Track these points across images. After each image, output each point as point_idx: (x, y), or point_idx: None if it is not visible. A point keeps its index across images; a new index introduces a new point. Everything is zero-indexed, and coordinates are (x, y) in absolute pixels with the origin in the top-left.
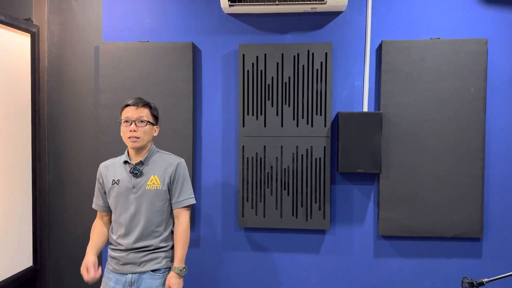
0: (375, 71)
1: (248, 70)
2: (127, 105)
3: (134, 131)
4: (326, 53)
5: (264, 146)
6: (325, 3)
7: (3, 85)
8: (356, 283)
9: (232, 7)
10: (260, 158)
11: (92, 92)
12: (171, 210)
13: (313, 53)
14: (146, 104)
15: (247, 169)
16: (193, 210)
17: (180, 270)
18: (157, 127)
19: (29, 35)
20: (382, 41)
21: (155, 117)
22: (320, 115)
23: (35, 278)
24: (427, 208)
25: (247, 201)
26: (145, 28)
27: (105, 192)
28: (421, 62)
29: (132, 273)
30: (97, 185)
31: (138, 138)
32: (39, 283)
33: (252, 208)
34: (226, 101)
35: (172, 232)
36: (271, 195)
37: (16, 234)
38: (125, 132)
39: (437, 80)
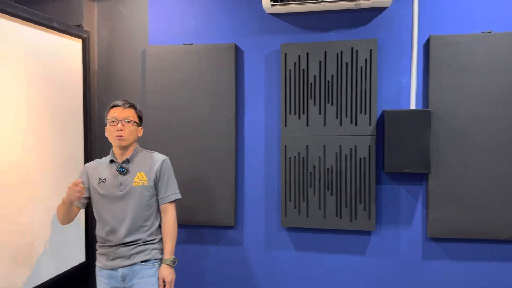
0: (423, 67)
1: (290, 70)
2: (114, 106)
3: (121, 130)
4: (370, 50)
5: (307, 146)
6: None
7: (57, 88)
8: (403, 285)
9: (274, 7)
10: (303, 158)
11: (140, 94)
12: (158, 206)
13: (357, 50)
14: (132, 106)
15: (290, 169)
16: (236, 209)
17: (171, 261)
18: (141, 128)
19: (80, 40)
20: (430, 36)
21: (140, 118)
22: (365, 113)
23: (87, 273)
24: (478, 209)
25: (290, 200)
26: (190, 31)
27: (88, 190)
28: (472, 57)
29: (122, 267)
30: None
31: (124, 137)
32: (92, 279)
33: (295, 208)
34: (268, 101)
35: (159, 226)
36: (314, 195)
37: (69, 230)
38: (112, 131)
39: (489, 75)
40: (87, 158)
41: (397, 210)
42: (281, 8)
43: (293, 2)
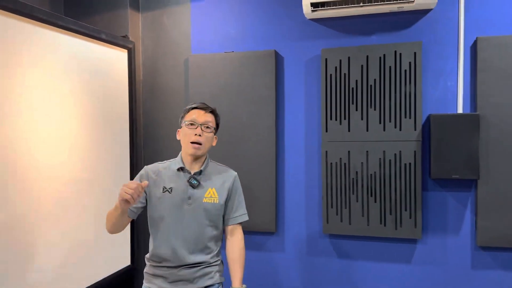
0: (470, 70)
1: (331, 74)
2: (195, 108)
3: (199, 135)
4: (415, 53)
5: (349, 151)
6: (413, 1)
7: (104, 97)
8: None
9: (314, 12)
10: (345, 164)
11: (183, 101)
12: (223, 226)
13: (400, 54)
14: (213, 111)
15: (331, 175)
16: (277, 215)
17: None
18: (216, 137)
19: (126, 50)
20: (477, 38)
21: (218, 126)
22: (410, 118)
23: (132, 277)
24: None
25: (332, 207)
26: (230, 39)
27: (145, 198)
28: None
29: None
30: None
31: (201, 144)
32: (137, 282)
33: (337, 214)
34: (309, 106)
35: (220, 248)
36: (357, 201)
37: (115, 235)
38: (189, 135)
39: None
40: (133, 166)
41: (445, 217)
42: (322, 13)
43: (334, 7)
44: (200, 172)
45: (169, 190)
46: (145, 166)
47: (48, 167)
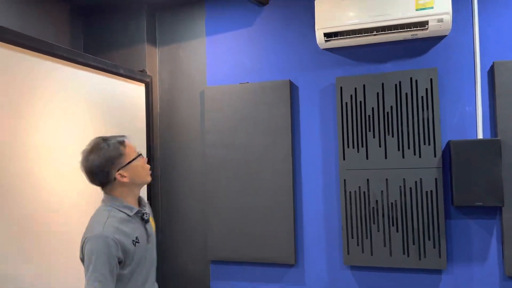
0: (488, 94)
1: (346, 102)
2: (124, 140)
3: (148, 164)
4: (431, 79)
5: (367, 180)
6: (427, 28)
7: (122, 130)
8: None
9: (328, 42)
10: (364, 192)
11: (199, 133)
12: None
13: (416, 80)
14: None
15: (350, 204)
16: (296, 246)
17: None
18: None
19: (143, 84)
20: (493, 62)
21: None
22: (429, 144)
23: None
24: None
25: (352, 237)
26: (245, 70)
27: (120, 265)
28: None
29: None
30: (110, 265)
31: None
32: None
33: (357, 245)
34: (325, 135)
35: None
36: (378, 231)
37: None
38: (145, 167)
39: None
40: (150, 198)
41: (470, 246)
42: (335, 43)
43: (347, 37)
44: (140, 203)
45: (136, 239)
46: (103, 235)
47: (68, 197)
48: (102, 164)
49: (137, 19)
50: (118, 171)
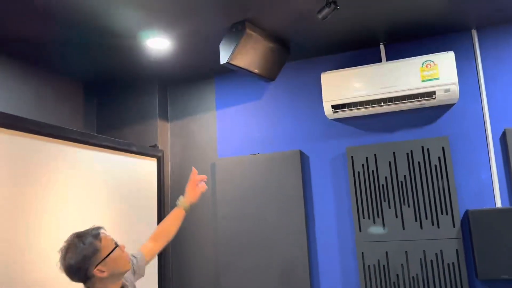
0: (502, 161)
1: (358, 172)
2: (101, 234)
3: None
4: (443, 148)
5: (386, 252)
6: (434, 98)
7: (133, 204)
8: None
9: (336, 113)
10: (383, 266)
11: (211, 205)
12: None
13: (428, 149)
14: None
15: (370, 279)
16: None
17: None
18: None
19: (155, 159)
20: (505, 129)
21: None
22: (446, 214)
23: None
24: None
25: None
26: (255, 142)
27: None
28: None
29: None
30: None
31: None
32: None
33: None
34: (339, 205)
35: None
36: None
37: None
38: (123, 256)
39: None
40: (161, 275)
41: None
42: (343, 114)
43: (355, 108)
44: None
45: None
46: None
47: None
48: (78, 263)
49: (149, 95)
50: (96, 267)
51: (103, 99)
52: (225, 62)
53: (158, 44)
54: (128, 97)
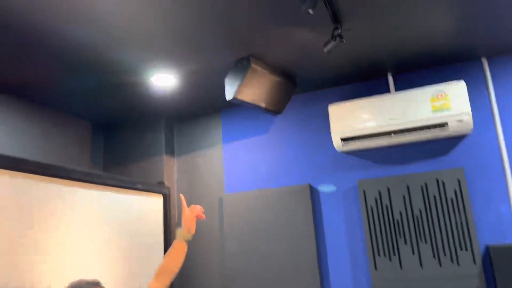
0: None
1: (371, 206)
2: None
3: None
4: (458, 180)
5: None
6: (447, 129)
7: (140, 241)
8: None
9: (345, 146)
10: None
11: (218, 242)
12: None
13: (443, 181)
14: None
15: None
16: None
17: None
18: None
19: (161, 195)
20: None
21: None
22: (466, 250)
23: None
24: None
25: None
26: (263, 176)
27: None
28: None
29: None
30: None
31: None
32: None
33: None
34: (352, 241)
35: None
36: None
37: None
38: None
39: None
40: None
41: None
42: (353, 146)
43: (364, 139)
44: None
45: None
46: None
47: None
48: None
49: (155, 131)
50: None
51: (110, 137)
52: (231, 97)
53: (163, 81)
54: (135, 134)
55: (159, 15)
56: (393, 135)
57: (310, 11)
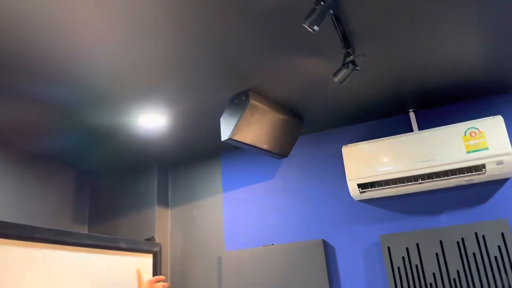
0: None
1: (398, 267)
2: None
3: None
4: (502, 234)
5: None
6: (484, 172)
7: None
8: None
9: (364, 193)
10: None
11: None
12: None
13: (483, 235)
14: None
15: None
16: None
17: None
18: None
19: (151, 255)
20: None
21: None
22: None
23: None
24: None
25: None
26: (269, 230)
27: None
28: None
29: None
30: None
31: None
32: None
33: None
34: None
35: None
36: None
37: None
38: None
39: None
40: None
41: None
42: (373, 194)
43: (386, 187)
44: None
45: None
46: None
47: None
48: None
49: (147, 179)
50: None
51: (97, 186)
52: (226, 138)
53: (152, 122)
54: (124, 183)
55: (144, 44)
56: (420, 180)
57: (316, 28)
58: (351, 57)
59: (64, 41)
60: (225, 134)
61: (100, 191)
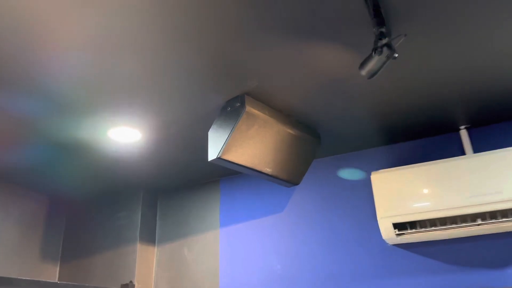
0: None
1: None
2: None
3: None
4: None
5: None
6: None
7: None
8: None
9: (401, 236)
10: None
11: None
12: None
13: None
14: None
15: None
16: None
17: None
18: None
19: None
20: None
21: None
22: None
23: None
24: None
25: None
26: (275, 275)
27: None
28: None
29: None
30: None
31: None
32: None
33: None
34: None
35: None
36: None
37: None
38: None
39: None
40: None
41: None
42: (413, 237)
43: (433, 228)
44: None
45: None
46: None
47: None
48: None
49: (128, 208)
50: None
51: (72, 218)
52: (214, 157)
53: (134, 137)
54: (103, 212)
55: (119, 48)
56: (479, 221)
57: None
58: (386, 39)
59: (28, 46)
60: (213, 153)
61: (76, 223)
